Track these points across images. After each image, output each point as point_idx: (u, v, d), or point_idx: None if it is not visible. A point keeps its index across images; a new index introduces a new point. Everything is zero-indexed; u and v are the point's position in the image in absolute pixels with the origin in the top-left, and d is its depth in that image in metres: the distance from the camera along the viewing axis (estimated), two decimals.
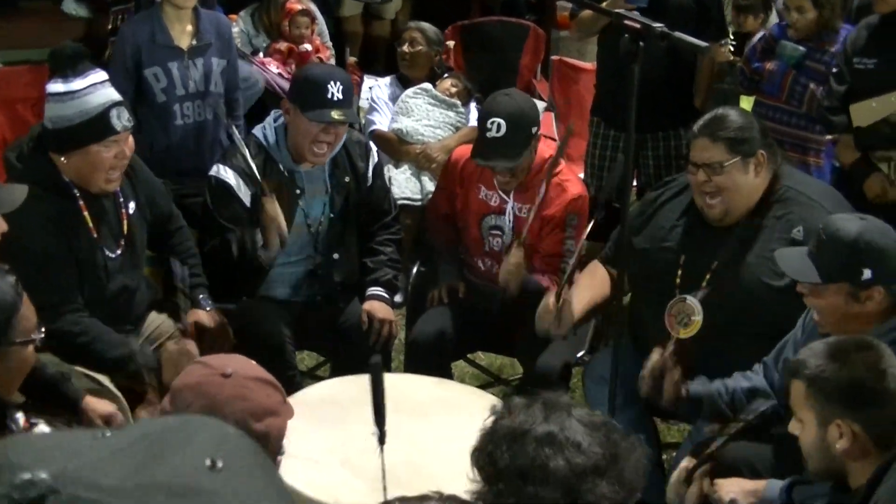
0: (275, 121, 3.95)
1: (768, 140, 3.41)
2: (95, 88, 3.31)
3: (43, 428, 2.82)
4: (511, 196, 4.02)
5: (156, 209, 3.73)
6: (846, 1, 5.31)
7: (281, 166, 3.89)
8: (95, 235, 3.41)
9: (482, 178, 4.09)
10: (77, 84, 3.29)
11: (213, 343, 3.64)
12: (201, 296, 3.73)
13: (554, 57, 6.64)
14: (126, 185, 3.56)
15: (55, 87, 3.32)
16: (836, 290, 2.80)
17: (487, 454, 1.89)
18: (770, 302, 3.27)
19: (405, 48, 5.56)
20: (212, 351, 3.52)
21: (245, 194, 3.83)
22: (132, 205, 3.57)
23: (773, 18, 6.87)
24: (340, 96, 3.80)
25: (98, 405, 3.18)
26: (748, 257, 3.34)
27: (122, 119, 3.33)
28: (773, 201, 3.37)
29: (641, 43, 2.95)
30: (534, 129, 3.93)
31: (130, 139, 3.42)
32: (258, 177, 3.79)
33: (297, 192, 3.93)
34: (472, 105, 5.52)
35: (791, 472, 2.84)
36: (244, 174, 3.82)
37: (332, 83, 3.79)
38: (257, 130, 3.95)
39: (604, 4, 5.10)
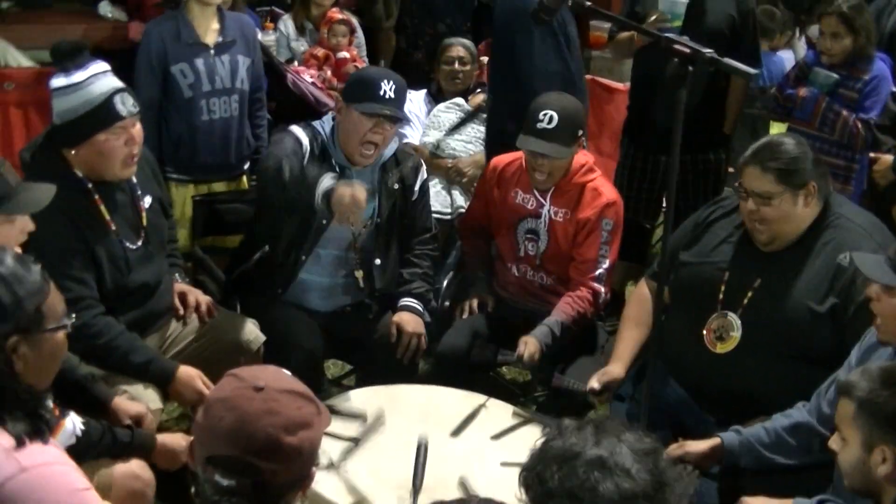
0: (333, 119, 3.94)
1: (821, 170, 3.38)
2: (97, 78, 3.30)
3: (74, 418, 2.86)
4: (548, 199, 4.04)
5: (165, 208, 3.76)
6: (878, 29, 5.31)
7: (334, 160, 3.87)
8: (114, 227, 3.40)
9: (519, 182, 4.11)
10: (78, 76, 3.28)
11: (198, 310, 3.73)
12: (177, 274, 3.81)
13: (587, 76, 6.64)
14: (142, 179, 3.55)
15: (58, 81, 3.31)
16: None
17: (537, 474, 1.90)
18: (810, 326, 3.26)
19: (457, 66, 5.58)
20: (198, 314, 3.72)
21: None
22: (148, 199, 3.57)
23: (802, 46, 6.90)
24: (393, 95, 3.79)
25: (128, 406, 3.20)
26: (793, 280, 3.32)
27: (126, 105, 3.31)
28: (822, 228, 3.36)
29: (690, 68, 2.95)
30: (580, 132, 3.98)
31: (138, 126, 3.39)
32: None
33: None
34: None
35: (817, 491, 2.85)
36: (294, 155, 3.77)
37: (385, 81, 3.80)
38: (316, 124, 3.94)
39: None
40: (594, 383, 3.54)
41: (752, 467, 3.15)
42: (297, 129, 3.86)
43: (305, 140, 3.82)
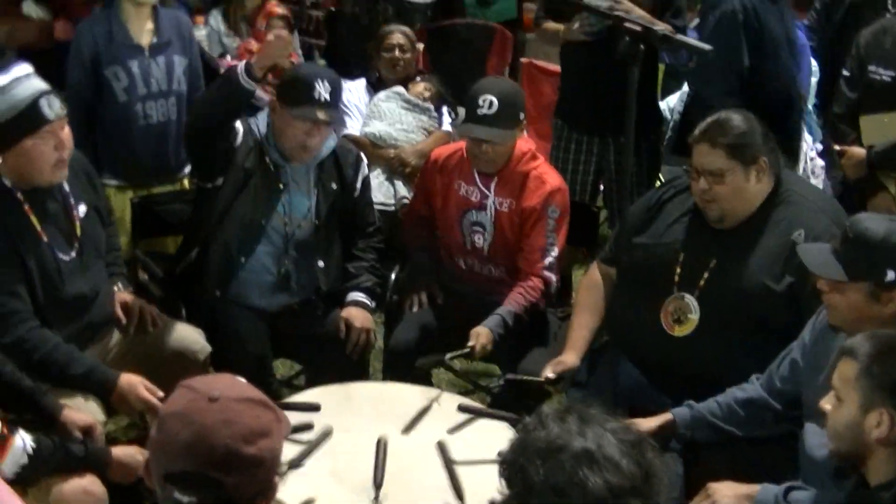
0: (267, 115, 3.91)
1: (770, 145, 3.36)
2: (20, 81, 3.19)
3: (24, 435, 2.79)
4: (492, 190, 4.00)
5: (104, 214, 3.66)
6: None
7: (268, 159, 3.85)
8: (45, 239, 3.30)
9: (461, 173, 4.07)
10: (1, 80, 3.18)
11: (141, 320, 3.63)
12: (119, 283, 3.71)
13: (523, 59, 6.63)
14: (76, 187, 3.45)
15: None
16: (858, 289, 2.76)
17: (519, 467, 1.84)
18: (767, 304, 3.26)
19: (396, 53, 5.51)
20: (140, 327, 3.60)
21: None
22: (83, 207, 3.47)
23: None
24: (328, 97, 3.76)
25: (77, 417, 3.12)
26: (748, 258, 3.31)
27: (53, 107, 3.20)
28: (775, 204, 3.34)
29: (642, 46, 2.92)
30: (521, 115, 3.94)
31: (67, 129, 3.29)
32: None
33: (281, 186, 3.88)
34: (445, 109, 5.50)
35: (782, 478, 2.84)
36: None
37: (319, 82, 3.75)
38: (251, 122, 3.91)
39: (561, 32, 5.11)
40: (548, 373, 3.52)
41: (707, 440, 3.15)
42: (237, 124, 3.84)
43: (239, 136, 3.82)
